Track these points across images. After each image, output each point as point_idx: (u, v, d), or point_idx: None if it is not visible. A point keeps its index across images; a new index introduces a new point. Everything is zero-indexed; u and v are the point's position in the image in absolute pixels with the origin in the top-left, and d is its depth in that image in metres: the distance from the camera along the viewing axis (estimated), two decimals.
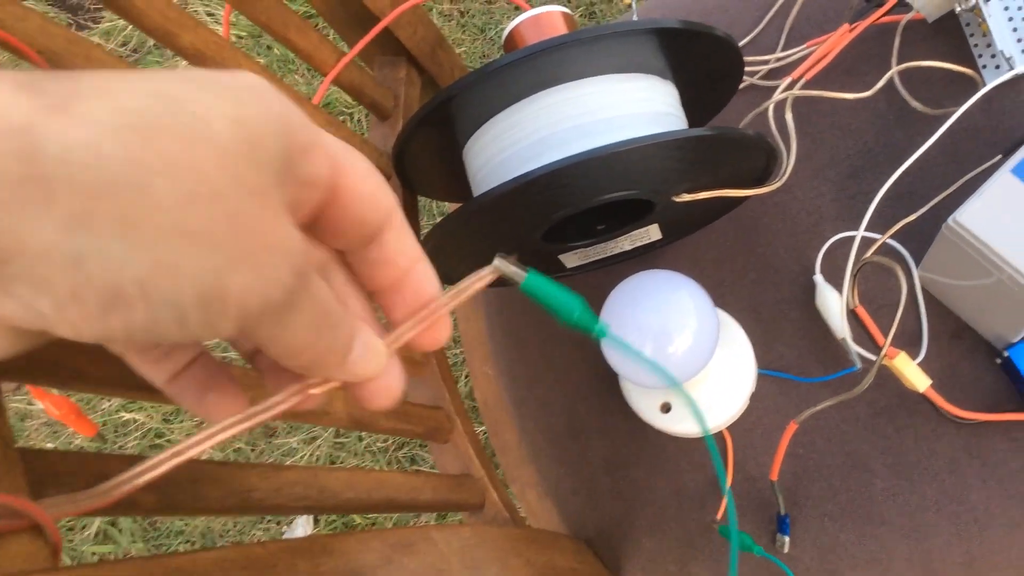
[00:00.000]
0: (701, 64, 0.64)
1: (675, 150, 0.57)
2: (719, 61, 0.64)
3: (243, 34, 1.63)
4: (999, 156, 0.61)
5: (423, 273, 0.35)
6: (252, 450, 1.38)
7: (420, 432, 0.57)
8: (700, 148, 0.58)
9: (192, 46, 0.50)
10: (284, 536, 1.31)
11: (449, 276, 0.66)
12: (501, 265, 0.34)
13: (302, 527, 1.30)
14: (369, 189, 0.31)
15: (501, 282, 0.37)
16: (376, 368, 0.33)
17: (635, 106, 0.59)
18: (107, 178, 0.22)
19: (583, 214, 0.66)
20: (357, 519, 1.30)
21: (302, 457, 1.35)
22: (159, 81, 0.24)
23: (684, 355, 0.57)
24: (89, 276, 0.22)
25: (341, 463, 1.34)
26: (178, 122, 0.23)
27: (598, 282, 0.75)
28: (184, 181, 0.23)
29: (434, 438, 0.60)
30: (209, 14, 1.67)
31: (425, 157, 0.64)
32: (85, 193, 0.22)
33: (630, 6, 1.37)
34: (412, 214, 0.68)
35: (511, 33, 0.65)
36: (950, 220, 0.59)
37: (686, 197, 0.62)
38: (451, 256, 0.63)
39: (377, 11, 0.63)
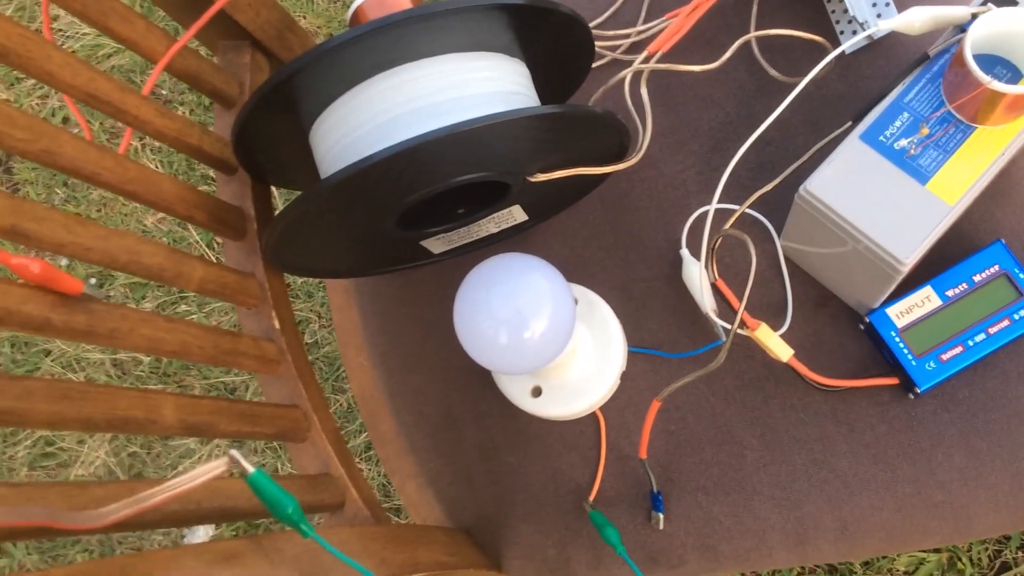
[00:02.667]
0: (552, 41, 0.62)
1: (524, 129, 0.55)
2: (569, 38, 0.62)
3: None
4: (849, 123, 0.61)
5: None
6: (147, 453, 1.34)
7: (271, 433, 0.55)
8: (550, 127, 0.56)
9: None
10: (184, 541, 1.27)
11: (303, 268, 0.64)
12: (234, 457, 0.38)
13: (203, 532, 1.26)
14: None
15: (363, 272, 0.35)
16: None
17: (481, 85, 0.58)
18: None
19: (440, 198, 0.65)
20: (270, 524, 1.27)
21: (200, 457, 1.31)
22: None
23: (541, 339, 0.56)
24: None
25: None
26: None
27: (468, 266, 0.73)
28: None
29: (289, 438, 0.57)
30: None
31: (272, 143, 0.61)
32: None
33: None
34: (264, 206, 0.66)
35: (356, 11, 0.63)
36: (801, 189, 0.58)
37: (540, 177, 0.61)
38: (303, 247, 0.60)
39: None
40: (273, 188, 0.70)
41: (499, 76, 0.59)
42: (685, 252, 0.68)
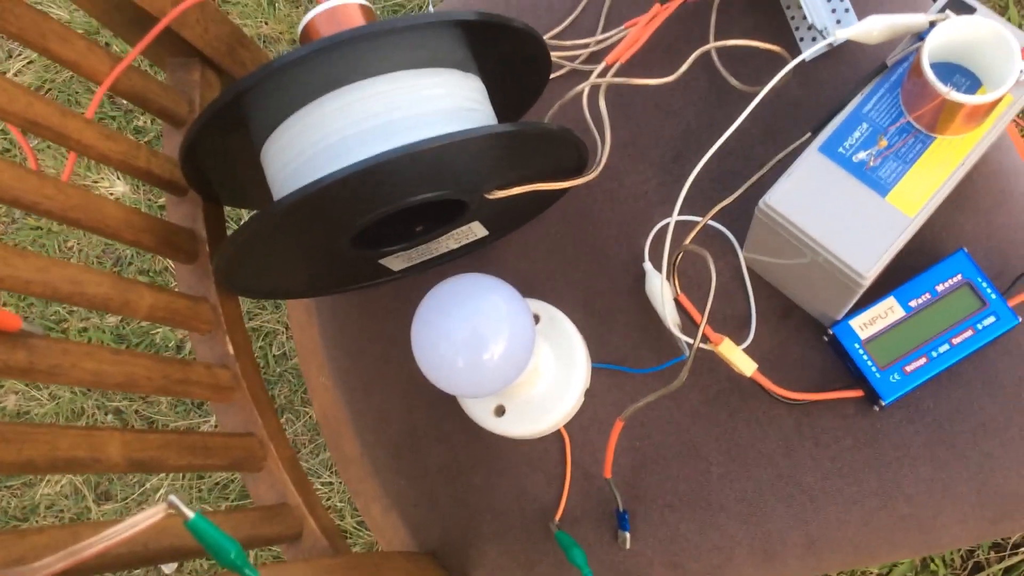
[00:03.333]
0: (508, 55, 0.61)
1: (479, 147, 0.54)
2: (525, 51, 0.61)
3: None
4: (808, 134, 0.61)
5: None
6: None
7: (224, 464, 0.54)
8: (506, 144, 0.55)
9: None
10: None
11: (257, 291, 0.62)
12: (173, 502, 0.37)
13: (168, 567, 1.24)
14: None
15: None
16: None
17: (434, 103, 0.56)
18: None
19: (397, 216, 0.64)
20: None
21: (169, 476, 1.29)
22: None
23: (500, 361, 0.55)
24: None
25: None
26: None
27: (429, 284, 0.72)
28: None
29: (245, 468, 0.56)
30: None
31: (223, 163, 0.60)
32: None
33: None
34: (217, 227, 0.64)
35: (306, 27, 0.61)
36: (761, 203, 0.58)
37: (498, 194, 0.60)
38: (256, 269, 0.59)
39: (156, 11, 0.59)
40: (227, 208, 0.68)
41: (453, 92, 0.57)
42: (648, 265, 0.67)
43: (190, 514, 0.38)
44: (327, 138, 0.55)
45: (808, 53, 0.63)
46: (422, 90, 0.57)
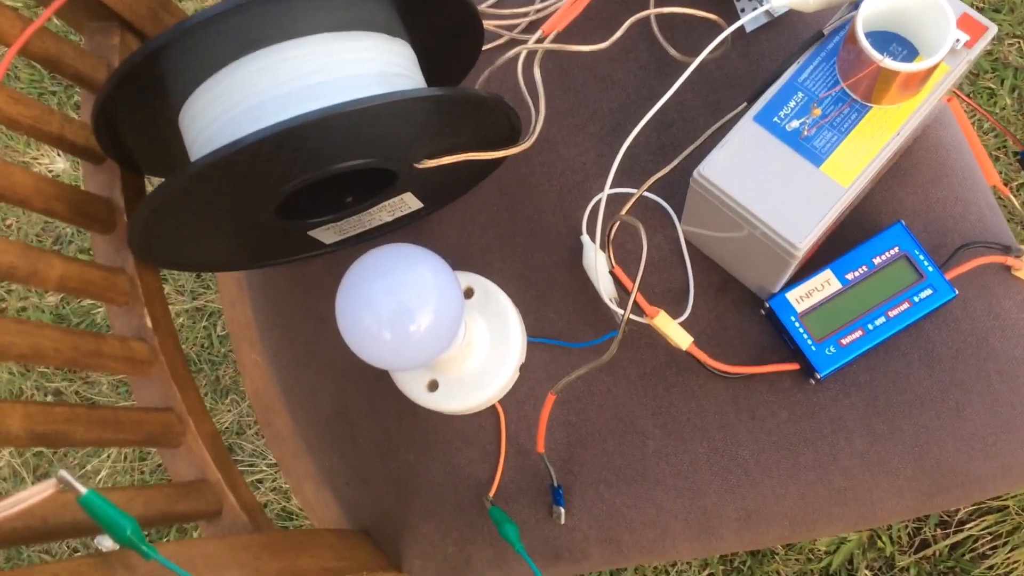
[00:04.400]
0: (440, 23, 0.59)
1: (405, 113, 0.52)
2: (457, 17, 0.59)
3: None
4: (744, 104, 0.59)
5: None
6: (54, 453, 1.29)
7: (137, 440, 0.52)
8: (433, 111, 0.54)
9: None
10: (95, 543, 1.23)
11: (176, 262, 0.60)
12: (63, 478, 0.36)
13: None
14: None
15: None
16: None
17: (358, 67, 0.54)
18: None
19: (324, 186, 0.62)
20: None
21: (108, 456, 1.26)
22: None
23: (427, 333, 0.53)
24: None
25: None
26: None
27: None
28: None
29: (161, 443, 0.54)
30: None
31: (141, 128, 0.58)
32: None
33: None
34: (137, 196, 0.62)
35: None
36: (695, 173, 0.57)
37: (428, 163, 0.58)
38: (175, 239, 0.57)
39: None
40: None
41: (378, 57, 0.56)
42: (585, 238, 0.66)
43: (82, 490, 0.37)
44: (245, 101, 0.53)
45: (745, 20, 0.62)
46: (347, 52, 0.55)
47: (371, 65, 0.55)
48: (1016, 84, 1.26)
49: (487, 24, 0.70)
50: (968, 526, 1.11)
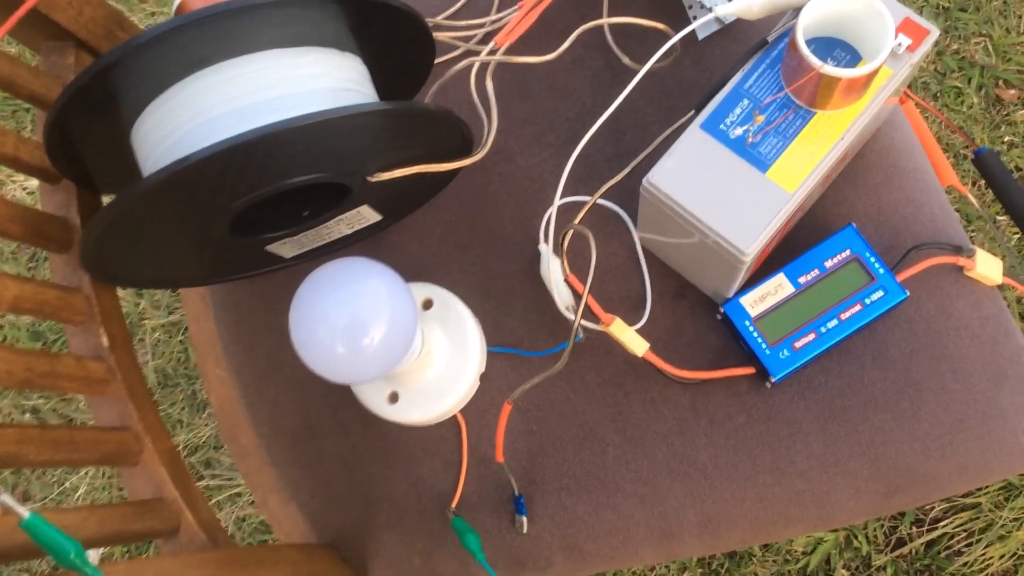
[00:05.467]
0: (391, 37, 0.60)
1: (355, 128, 0.53)
2: (407, 31, 0.60)
3: None
4: (692, 111, 0.60)
5: None
6: (32, 471, 1.29)
7: (93, 459, 0.52)
8: (383, 124, 0.54)
9: None
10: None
11: (132, 279, 0.60)
12: (4, 503, 0.36)
13: (94, 553, 1.21)
14: None
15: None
16: None
17: (307, 83, 0.55)
18: None
19: (279, 201, 0.62)
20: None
21: (86, 473, 1.26)
22: None
23: (380, 346, 0.54)
24: None
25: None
26: None
27: None
28: None
29: (118, 462, 0.54)
30: None
31: (96, 147, 0.58)
32: None
33: None
34: (93, 215, 0.62)
35: (180, 5, 0.59)
36: (644, 181, 0.57)
37: (381, 176, 0.58)
38: (129, 256, 0.57)
39: None
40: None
41: (327, 72, 0.56)
42: (543, 247, 0.67)
43: (25, 513, 0.37)
44: (196, 118, 0.53)
45: (694, 26, 0.63)
46: (298, 68, 0.55)
47: (322, 80, 0.55)
48: (983, 82, 1.27)
49: (443, 36, 0.70)
50: (943, 524, 1.11)
